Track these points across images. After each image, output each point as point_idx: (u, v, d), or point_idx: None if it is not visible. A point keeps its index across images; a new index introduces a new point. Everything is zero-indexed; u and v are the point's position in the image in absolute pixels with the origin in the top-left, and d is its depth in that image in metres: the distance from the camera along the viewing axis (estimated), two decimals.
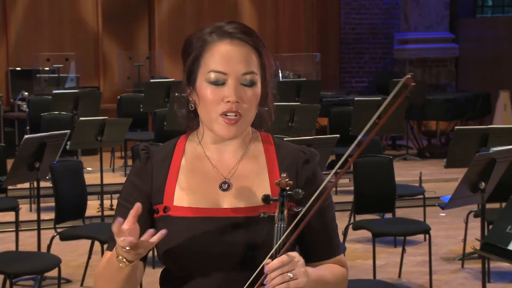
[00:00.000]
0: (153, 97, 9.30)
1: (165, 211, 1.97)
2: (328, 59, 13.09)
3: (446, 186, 8.74)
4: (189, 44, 2.00)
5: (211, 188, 1.98)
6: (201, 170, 2.01)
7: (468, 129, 6.23)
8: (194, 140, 2.05)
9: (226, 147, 2.01)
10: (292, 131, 7.59)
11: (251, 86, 1.95)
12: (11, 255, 5.02)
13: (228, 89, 1.93)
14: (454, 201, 4.77)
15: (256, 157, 2.03)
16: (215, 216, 1.93)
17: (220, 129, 1.94)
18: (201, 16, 12.29)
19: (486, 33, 12.92)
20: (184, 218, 1.93)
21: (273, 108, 2.05)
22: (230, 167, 2.00)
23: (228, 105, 1.92)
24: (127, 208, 1.97)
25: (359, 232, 6.07)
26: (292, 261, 1.82)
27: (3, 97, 10.89)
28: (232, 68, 1.93)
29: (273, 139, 2.07)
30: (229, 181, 1.99)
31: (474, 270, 6.11)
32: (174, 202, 1.97)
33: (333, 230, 2.05)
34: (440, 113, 10.82)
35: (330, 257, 2.05)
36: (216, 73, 1.94)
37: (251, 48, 1.96)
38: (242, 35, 1.96)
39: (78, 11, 11.79)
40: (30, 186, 7.76)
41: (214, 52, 1.95)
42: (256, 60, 1.97)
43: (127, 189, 2.03)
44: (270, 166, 2.01)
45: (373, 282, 5.03)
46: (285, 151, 2.05)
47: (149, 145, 2.07)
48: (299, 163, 2.02)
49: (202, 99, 1.96)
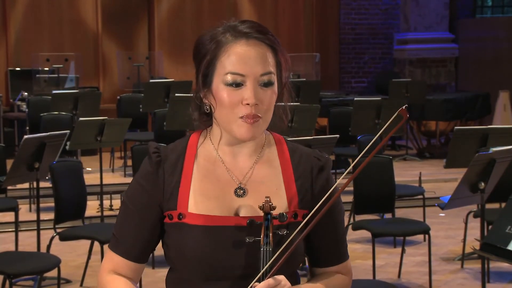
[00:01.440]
0: (153, 97, 9.30)
1: (180, 218, 1.93)
2: (328, 59, 13.10)
3: (446, 186, 8.75)
4: (202, 46, 1.94)
5: (226, 194, 1.94)
6: (215, 174, 1.96)
7: (467, 129, 6.22)
8: (207, 142, 2.00)
9: (241, 150, 1.97)
10: (292, 131, 7.58)
11: (269, 86, 1.91)
12: (10, 255, 5.02)
13: (246, 91, 1.88)
14: (454, 201, 4.77)
15: (270, 161, 1.99)
16: (231, 225, 1.90)
17: (240, 130, 1.90)
18: (201, 16, 12.29)
19: (486, 33, 12.92)
20: (200, 226, 1.90)
21: (289, 107, 2.02)
22: (245, 172, 1.97)
23: (247, 108, 1.88)
24: (131, 210, 1.98)
25: (358, 232, 6.07)
26: (278, 285, 1.82)
27: (3, 97, 10.89)
28: (250, 70, 1.88)
29: (286, 142, 2.04)
30: (244, 186, 1.95)
31: (474, 270, 6.11)
32: (188, 209, 1.93)
33: (341, 236, 2.04)
34: (440, 113, 10.82)
35: (337, 263, 2.04)
36: (234, 74, 1.88)
37: (267, 47, 1.92)
38: (258, 35, 1.91)
39: (78, 11, 11.79)
40: (30, 186, 7.76)
41: (230, 53, 1.89)
42: (272, 59, 1.93)
43: (135, 190, 1.99)
44: (285, 172, 1.98)
45: (373, 282, 5.03)
46: (299, 155, 2.01)
47: (159, 146, 2.01)
48: (314, 169, 2.00)
49: (219, 101, 1.91)
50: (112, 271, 2.00)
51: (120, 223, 2.00)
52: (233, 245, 1.89)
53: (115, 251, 1.99)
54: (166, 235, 1.96)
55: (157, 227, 1.97)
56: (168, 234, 1.95)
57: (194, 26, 12.13)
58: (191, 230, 1.90)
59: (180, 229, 1.92)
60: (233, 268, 1.89)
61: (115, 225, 2.01)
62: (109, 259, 2.00)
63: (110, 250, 2.01)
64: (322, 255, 2.02)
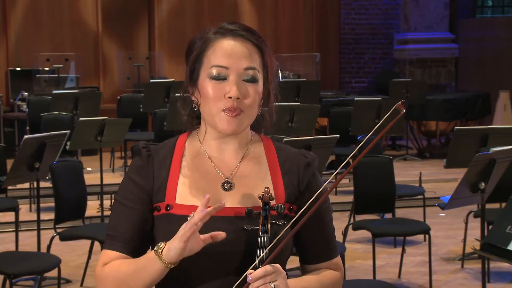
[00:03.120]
0: (153, 97, 9.30)
1: (167, 209, 1.95)
2: (328, 59, 13.10)
3: (446, 186, 8.75)
4: (192, 45, 2.01)
5: (213, 187, 1.97)
6: (202, 169, 2.00)
7: (468, 129, 6.22)
8: (194, 139, 2.05)
9: (227, 147, 2.01)
10: (292, 131, 7.59)
11: (253, 83, 1.94)
12: (11, 255, 5.02)
13: (229, 85, 1.92)
14: (454, 201, 4.77)
15: (257, 159, 2.03)
16: (218, 215, 1.91)
17: (222, 123, 1.93)
18: (201, 16, 12.29)
19: (486, 33, 12.92)
20: (187, 216, 1.90)
21: (275, 109, 2.05)
22: (232, 167, 2.00)
23: (229, 101, 1.92)
24: (125, 206, 1.98)
25: (359, 232, 6.07)
26: (275, 272, 1.84)
27: (3, 97, 10.89)
28: (234, 62, 1.93)
29: (272, 141, 2.07)
30: (231, 181, 1.98)
31: (474, 271, 6.11)
32: (176, 200, 1.96)
33: (330, 233, 2.07)
34: (440, 114, 10.82)
35: (327, 260, 2.06)
36: (218, 67, 1.93)
37: (253, 46, 1.96)
38: (244, 33, 1.96)
39: (78, 11, 11.79)
40: (30, 186, 7.76)
41: (216, 48, 1.95)
42: (258, 59, 1.96)
43: (126, 186, 2.01)
44: (272, 168, 2.02)
45: (373, 282, 5.02)
46: (285, 153, 2.05)
47: (148, 144, 2.06)
48: (301, 166, 2.03)
49: (203, 95, 1.96)
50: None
51: (114, 220, 1.99)
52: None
53: (113, 248, 1.97)
54: (155, 228, 1.98)
55: (150, 219, 1.98)
56: (157, 226, 1.97)
57: (194, 26, 12.13)
58: (179, 220, 1.90)
59: (167, 220, 1.94)
60: (220, 259, 1.90)
61: (109, 225, 2.00)
62: (106, 257, 1.97)
63: (105, 249, 1.99)
64: (311, 252, 2.05)
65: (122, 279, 1.92)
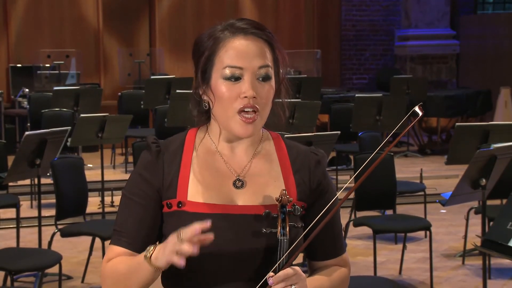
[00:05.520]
0: (154, 94, 9.30)
1: (179, 206, 1.93)
2: (329, 56, 13.09)
3: (447, 182, 8.75)
4: (200, 44, 1.98)
5: (225, 184, 1.96)
6: (213, 166, 1.98)
7: (469, 126, 6.22)
8: (204, 136, 2.02)
9: (238, 144, 2.00)
10: (293, 128, 7.59)
11: (267, 81, 1.94)
12: (12, 252, 5.02)
13: (244, 85, 1.91)
14: (455, 198, 4.77)
15: (268, 156, 2.02)
16: (231, 213, 1.91)
17: (237, 127, 1.92)
18: (202, 13, 12.29)
19: (487, 30, 12.91)
20: (199, 214, 1.90)
21: (287, 104, 2.04)
22: (243, 165, 1.99)
23: (245, 100, 1.91)
24: (133, 201, 1.97)
25: (359, 229, 6.07)
26: (296, 274, 1.84)
27: (4, 94, 10.90)
28: (248, 62, 1.91)
29: (283, 139, 2.07)
30: (243, 179, 1.97)
31: (475, 267, 6.11)
32: (188, 197, 1.94)
33: (338, 230, 2.08)
34: (441, 110, 10.82)
35: (334, 257, 2.07)
36: (232, 68, 1.91)
37: (265, 43, 1.95)
38: (255, 30, 1.94)
39: (79, 8, 11.79)
40: (31, 182, 7.77)
41: (228, 48, 1.92)
42: (270, 55, 1.95)
43: (134, 181, 1.99)
44: (283, 165, 2.01)
45: (374, 278, 5.03)
46: (296, 151, 2.05)
47: (157, 139, 2.03)
48: (312, 163, 2.03)
49: (218, 96, 1.93)
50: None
51: (122, 216, 1.98)
52: (231, 234, 1.89)
53: (119, 244, 1.96)
54: (164, 225, 1.96)
55: (158, 215, 1.96)
56: (167, 223, 1.95)
57: (195, 23, 12.13)
58: (191, 217, 1.89)
59: (179, 217, 1.92)
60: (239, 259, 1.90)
61: (116, 220, 1.99)
62: (112, 253, 1.97)
63: (112, 245, 1.98)
64: (320, 249, 2.06)
65: (118, 278, 1.93)
